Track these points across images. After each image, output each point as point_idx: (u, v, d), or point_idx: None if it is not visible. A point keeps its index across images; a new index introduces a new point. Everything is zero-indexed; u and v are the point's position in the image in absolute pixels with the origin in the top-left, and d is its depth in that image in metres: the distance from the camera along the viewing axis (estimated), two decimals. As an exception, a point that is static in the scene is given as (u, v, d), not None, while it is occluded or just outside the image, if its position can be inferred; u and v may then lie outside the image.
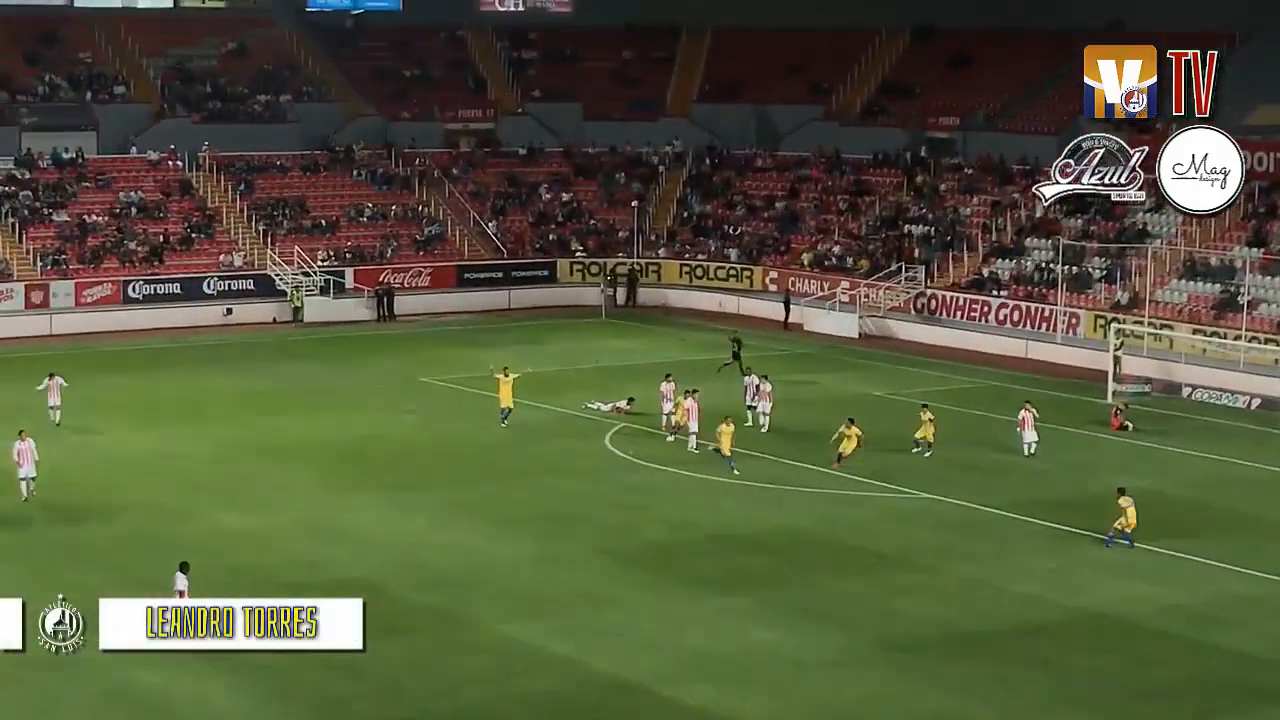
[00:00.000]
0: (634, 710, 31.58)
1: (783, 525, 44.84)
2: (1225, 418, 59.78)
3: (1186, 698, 32.72)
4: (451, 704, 29.84)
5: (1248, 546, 43.09)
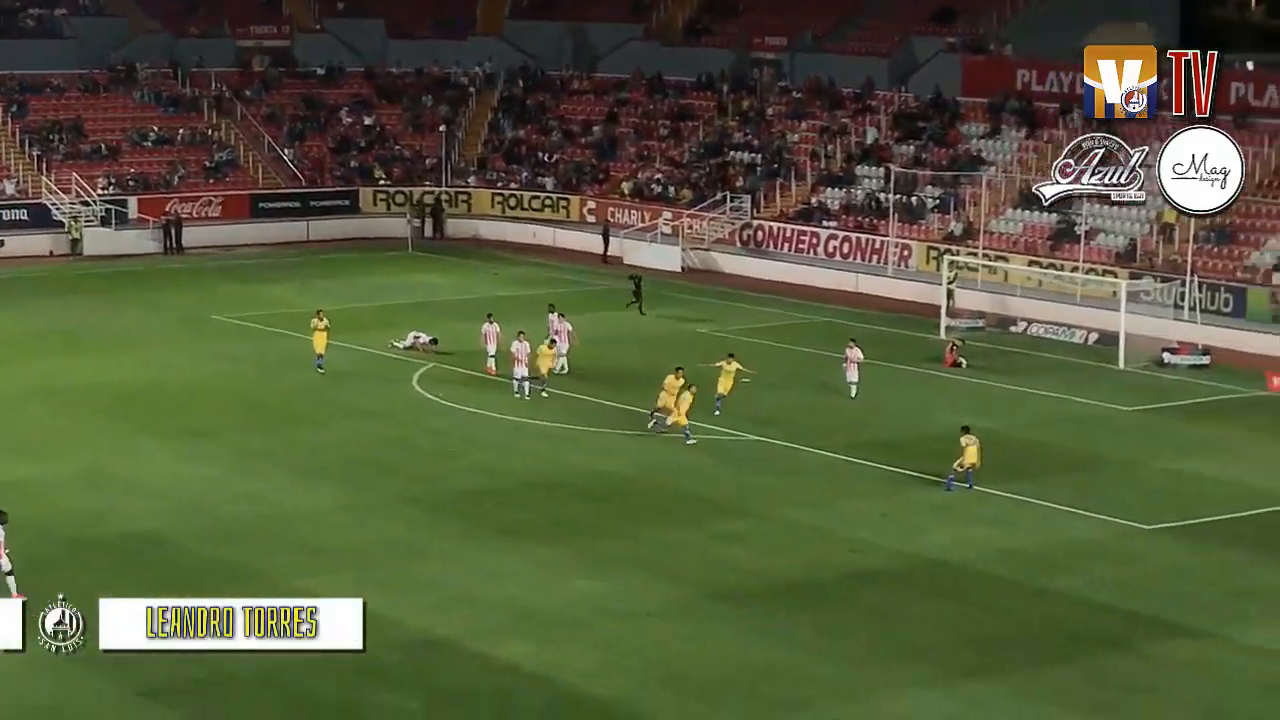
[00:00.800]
0: (446, 667, 31.64)
1: (604, 470, 45.06)
2: (1062, 353, 60.92)
3: (1022, 645, 33.43)
4: (243, 667, 29.68)
5: (1086, 488, 44.03)
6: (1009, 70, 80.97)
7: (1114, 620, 34.88)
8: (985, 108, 79.79)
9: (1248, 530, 41.08)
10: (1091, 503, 42.65)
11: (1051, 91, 78.21)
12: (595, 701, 30.13)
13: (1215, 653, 33.25)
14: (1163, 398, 54.58)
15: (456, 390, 53.12)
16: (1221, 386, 56.10)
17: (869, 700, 30.51)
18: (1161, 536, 40.49)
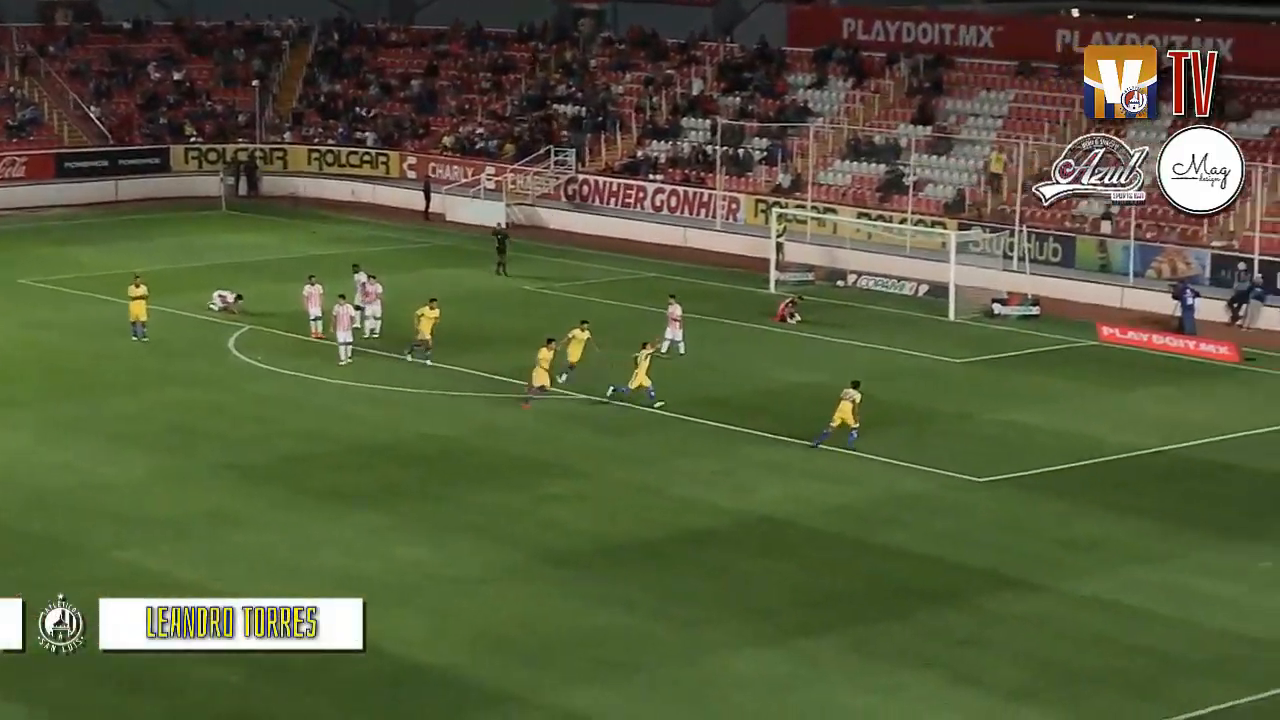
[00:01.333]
0: (270, 639, 31.37)
1: (429, 433, 44.93)
2: (892, 305, 61.53)
3: (857, 601, 33.80)
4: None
5: (917, 441, 44.57)
6: (835, 20, 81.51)
7: (947, 574, 35.36)
8: (812, 58, 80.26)
9: (1078, 481, 41.78)
10: (923, 456, 43.16)
11: (878, 40, 78.84)
12: (422, 670, 30.08)
13: (1047, 604, 33.82)
14: (993, 349, 55.31)
15: (277, 354, 52.68)
16: (1051, 336, 56.95)
17: (704, 661, 30.71)
18: (993, 489, 41.08)
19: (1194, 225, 62.96)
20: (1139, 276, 62.49)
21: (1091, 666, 30.95)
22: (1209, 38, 70.35)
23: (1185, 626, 32.81)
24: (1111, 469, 42.80)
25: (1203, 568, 36.01)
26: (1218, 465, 43.18)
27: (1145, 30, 72.49)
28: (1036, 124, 70.64)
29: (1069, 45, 73.18)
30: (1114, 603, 33.90)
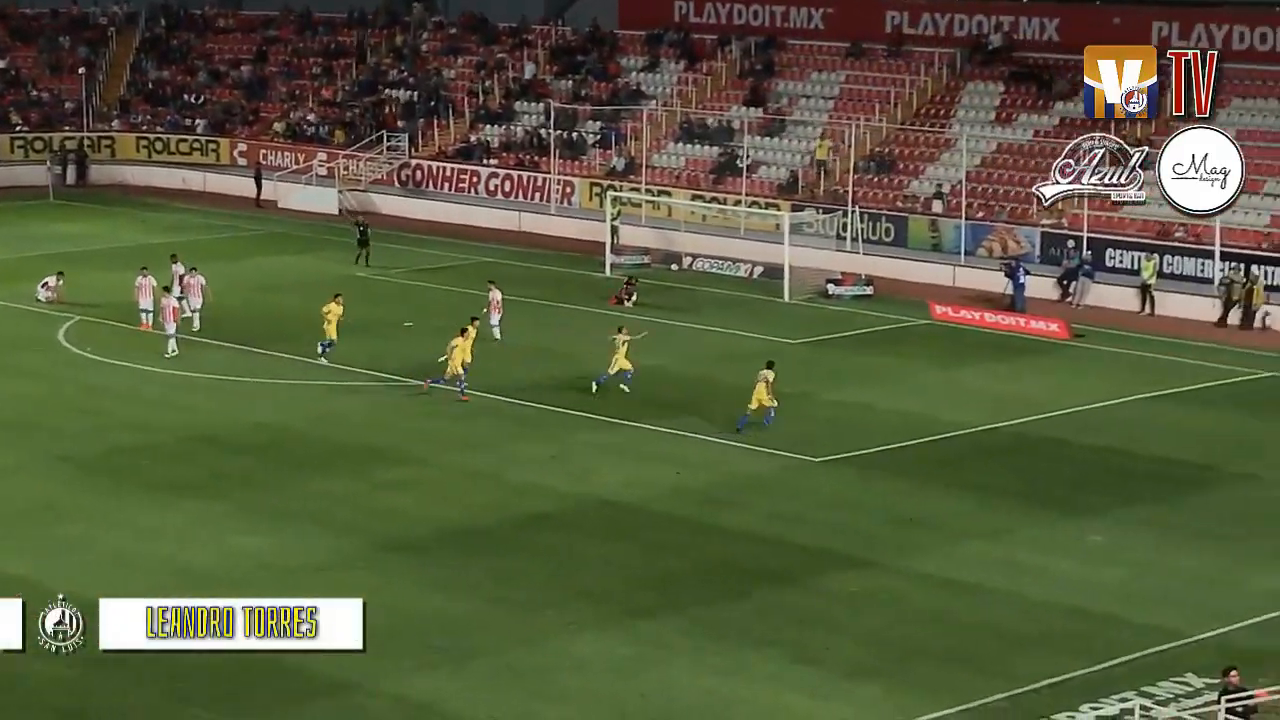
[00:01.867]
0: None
1: (262, 422, 44.48)
2: (728, 287, 61.72)
3: (696, 582, 33.84)
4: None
5: (753, 422, 44.65)
6: (667, 2, 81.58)
7: (785, 554, 35.49)
8: (644, 41, 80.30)
9: (914, 459, 42.11)
10: (761, 437, 43.29)
11: (709, 23, 79.01)
12: (258, 660, 29.71)
13: (884, 582, 34.05)
14: (828, 329, 55.64)
15: (107, 344, 51.93)
16: (886, 316, 57.38)
17: (545, 645, 30.63)
18: (830, 468, 41.30)
19: (1023, 204, 63.71)
20: (970, 255, 63.10)
21: (928, 642, 31.18)
22: (1036, 17, 71.19)
23: (1019, 601, 33.15)
24: (946, 446, 43.18)
25: (1035, 542, 36.41)
26: (1049, 441, 43.68)
27: (973, 10, 73.25)
28: (867, 105, 71.12)
29: (898, 26, 73.77)
30: (949, 579, 34.19)
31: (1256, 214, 59.82)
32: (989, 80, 70.39)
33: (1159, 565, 35.19)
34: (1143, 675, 29.76)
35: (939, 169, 67.58)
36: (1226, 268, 57.18)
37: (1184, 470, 41.40)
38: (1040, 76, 68.82)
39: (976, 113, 69.36)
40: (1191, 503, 39.13)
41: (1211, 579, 34.50)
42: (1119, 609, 32.79)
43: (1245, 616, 32.41)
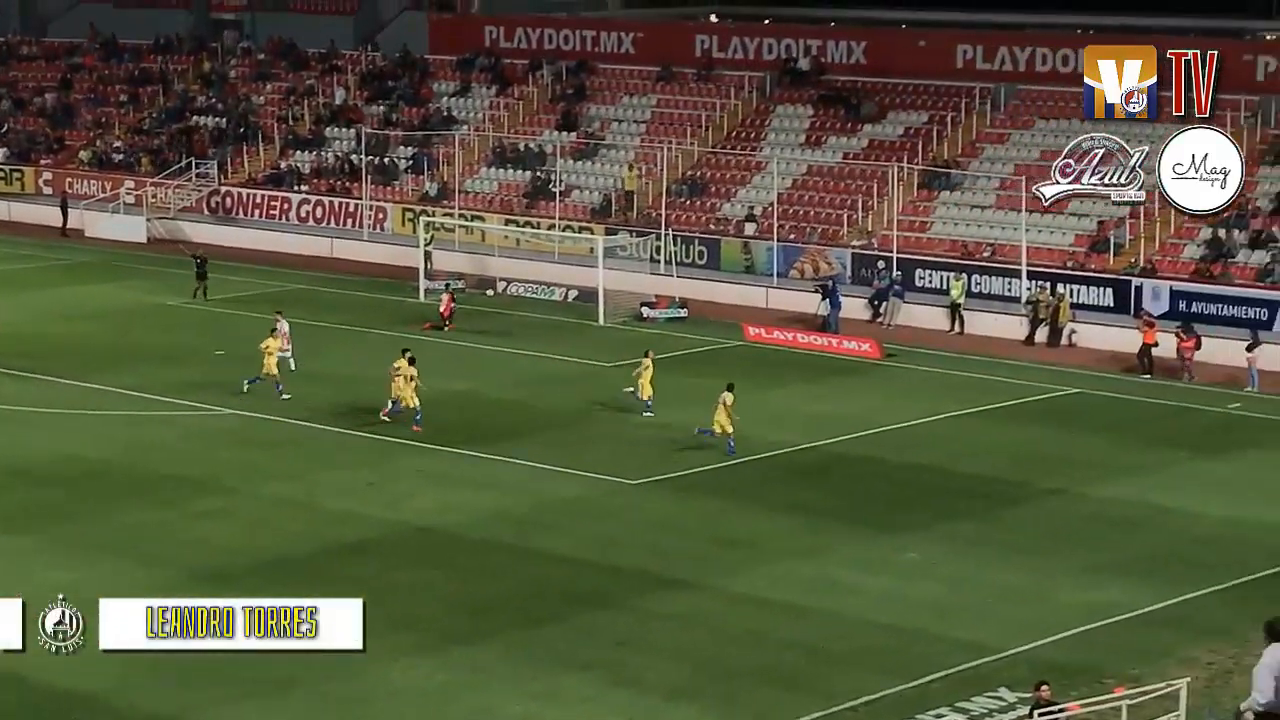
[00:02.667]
0: (-92, 672, 30.22)
1: (73, 453, 43.72)
2: (543, 311, 61.64)
3: (514, 607, 33.69)
4: None
5: (571, 445, 44.67)
6: (477, 27, 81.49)
7: (603, 576, 35.47)
8: (455, 65, 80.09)
9: (730, 479, 42.27)
10: (578, 460, 43.27)
11: (520, 48, 78.98)
12: (74, 696, 29.21)
13: (703, 603, 34.11)
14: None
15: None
16: (700, 338, 57.59)
17: (362, 673, 30.32)
18: (647, 490, 41.34)
19: (834, 226, 64.26)
20: (782, 277, 63.52)
21: (747, 662, 31.26)
22: (843, 40, 71.90)
23: (835, 619, 33.36)
24: (761, 466, 43.38)
25: (850, 560, 36.67)
26: (865, 459, 44.04)
27: (781, 34, 73.84)
28: (679, 128, 71.43)
29: (708, 50, 74.17)
30: (766, 598, 34.33)
31: (1061, 233, 60.78)
32: (798, 103, 70.99)
33: (973, 581, 35.57)
34: (957, 691, 30.03)
35: (750, 191, 68.01)
36: (1033, 286, 58.02)
37: (996, 486, 41.91)
38: (848, 99, 69.50)
39: (786, 135, 69.91)
40: (1004, 518, 39.62)
41: (1024, 593, 34.92)
42: (934, 625, 33.09)
43: (1057, 630, 32.84)
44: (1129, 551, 37.37)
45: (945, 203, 64.02)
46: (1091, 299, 57.46)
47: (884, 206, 64.32)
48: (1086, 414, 48.33)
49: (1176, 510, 39.83)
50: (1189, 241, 58.54)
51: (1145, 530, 38.80)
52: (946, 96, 67.46)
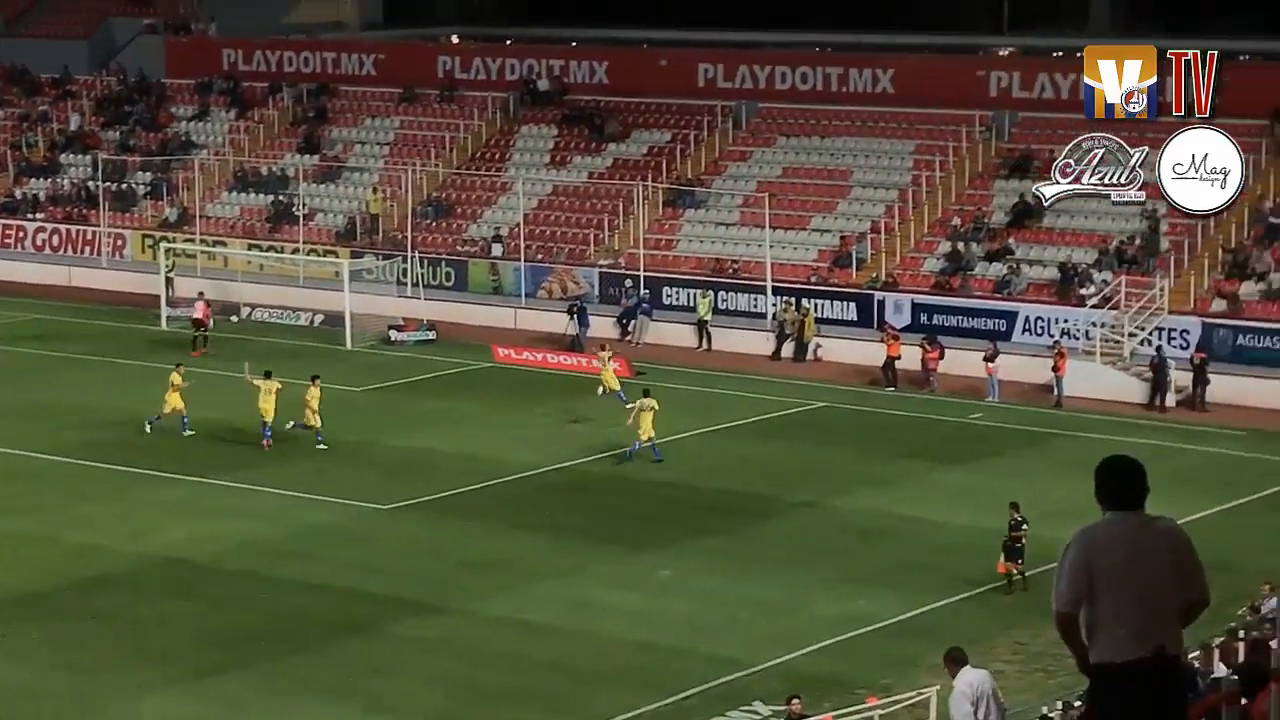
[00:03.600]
0: None
1: None
2: (288, 336, 61.00)
3: (266, 637, 33.39)
4: None
5: (322, 471, 44.35)
6: (215, 51, 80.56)
7: (356, 603, 35.29)
8: (193, 89, 79.11)
9: (483, 501, 42.27)
10: (329, 486, 43.00)
11: (260, 71, 78.23)
12: None
13: (458, 627, 34.10)
14: (392, 375, 55.51)
15: None
16: (449, 360, 57.46)
17: (109, 710, 29.93)
18: (399, 515, 41.20)
19: (581, 245, 64.53)
20: (530, 297, 63.64)
21: (504, 685, 31.30)
22: (586, 60, 72.27)
23: (591, 639, 33.52)
24: (513, 487, 43.44)
25: (605, 579, 36.87)
26: (615, 478, 44.27)
27: (523, 55, 74.03)
28: (423, 150, 71.27)
29: (450, 71, 74.08)
30: (522, 620, 34.39)
31: (805, 249, 61.64)
32: (542, 123, 71.20)
33: (726, 596, 35.94)
34: (712, 706, 30.35)
35: (497, 212, 68.05)
36: (779, 302, 58.75)
37: (746, 501, 42.38)
38: (592, 119, 69.87)
39: (531, 156, 70.09)
40: (755, 533, 40.08)
41: (776, 607, 35.37)
42: (688, 641, 33.40)
43: (809, 642, 33.33)
44: (877, 562, 38.03)
45: (690, 220, 64.60)
46: (836, 313, 58.33)
47: (630, 225, 64.73)
48: (833, 427, 49.07)
49: (922, 520, 40.59)
50: (929, 255, 59.72)
51: (892, 541, 39.50)
52: (689, 115, 68.08)
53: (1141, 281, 54.23)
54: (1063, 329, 53.90)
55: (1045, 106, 62.48)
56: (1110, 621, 9.93)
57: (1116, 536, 10.10)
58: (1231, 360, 51.47)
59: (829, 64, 68.02)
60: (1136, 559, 10.00)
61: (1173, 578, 10.05)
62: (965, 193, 61.55)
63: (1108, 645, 9.95)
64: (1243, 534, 38.48)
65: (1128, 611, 9.91)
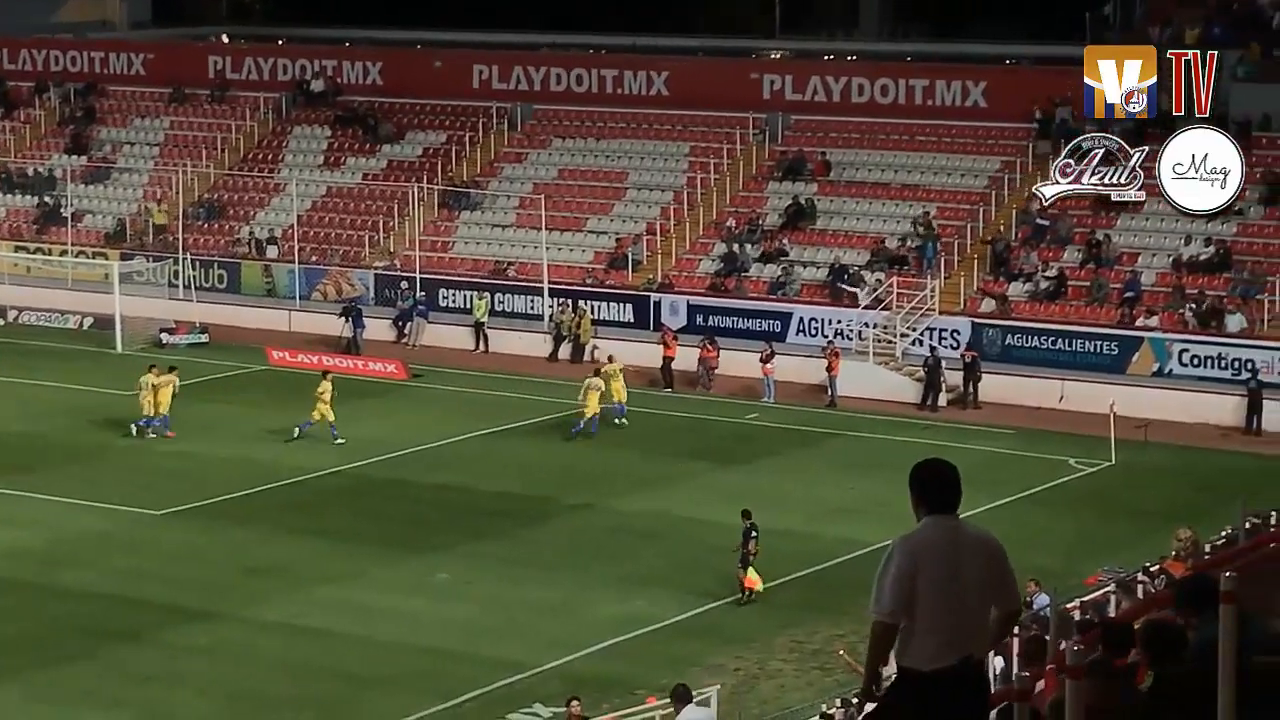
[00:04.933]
0: None
1: None
2: (57, 340, 59.93)
3: (35, 646, 32.74)
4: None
5: (92, 477, 43.61)
6: (-20, 48, 78.88)
7: (130, 611, 34.73)
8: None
9: (257, 506, 41.80)
10: (99, 492, 42.27)
11: (25, 70, 76.68)
12: None
13: (234, 634, 33.69)
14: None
15: None
16: (223, 363, 56.72)
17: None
18: (172, 521, 40.62)
19: (356, 247, 64.07)
20: (305, 299, 63.04)
21: (281, 692, 30.98)
22: (359, 61, 71.77)
23: (370, 643, 33.28)
24: (289, 491, 43.02)
25: (383, 584, 36.62)
26: (394, 482, 44.01)
27: (295, 55, 73.33)
28: (194, 150, 70.29)
29: (221, 71, 73.14)
30: (299, 626, 34.07)
31: (581, 251, 61.71)
32: (316, 124, 70.55)
33: (505, 599, 35.87)
34: (493, 709, 30.31)
35: (270, 214, 67.31)
36: (555, 304, 58.78)
37: (524, 504, 42.31)
38: (366, 120, 69.35)
39: (305, 157, 69.41)
40: (533, 535, 40.03)
41: (555, 609, 35.37)
42: (468, 645, 33.31)
43: (589, 644, 33.38)
44: (655, 563, 38.17)
45: (466, 222, 64.39)
46: (612, 315, 58.44)
47: (405, 227, 64.35)
48: (610, 428, 49.14)
49: (700, 521, 40.74)
50: (704, 257, 60.05)
51: (670, 541, 39.65)
52: (464, 116, 67.84)
53: (912, 282, 54.99)
54: (836, 329, 54.47)
55: (817, 109, 63.19)
56: (925, 630, 9.82)
57: (937, 544, 9.98)
58: (1000, 359, 52.38)
59: (604, 66, 68.17)
60: (956, 567, 9.94)
61: (988, 586, 9.99)
62: (740, 195, 61.99)
63: (919, 652, 9.86)
64: (1012, 530, 39.06)
65: (943, 620, 9.81)
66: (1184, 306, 52.05)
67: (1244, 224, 54.39)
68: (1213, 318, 51.47)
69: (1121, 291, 53.10)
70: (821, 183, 61.02)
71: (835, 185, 60.91)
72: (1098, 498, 42.87)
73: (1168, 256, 54.17)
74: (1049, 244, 55.64)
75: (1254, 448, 46.65)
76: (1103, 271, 54.09)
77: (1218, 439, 47.56)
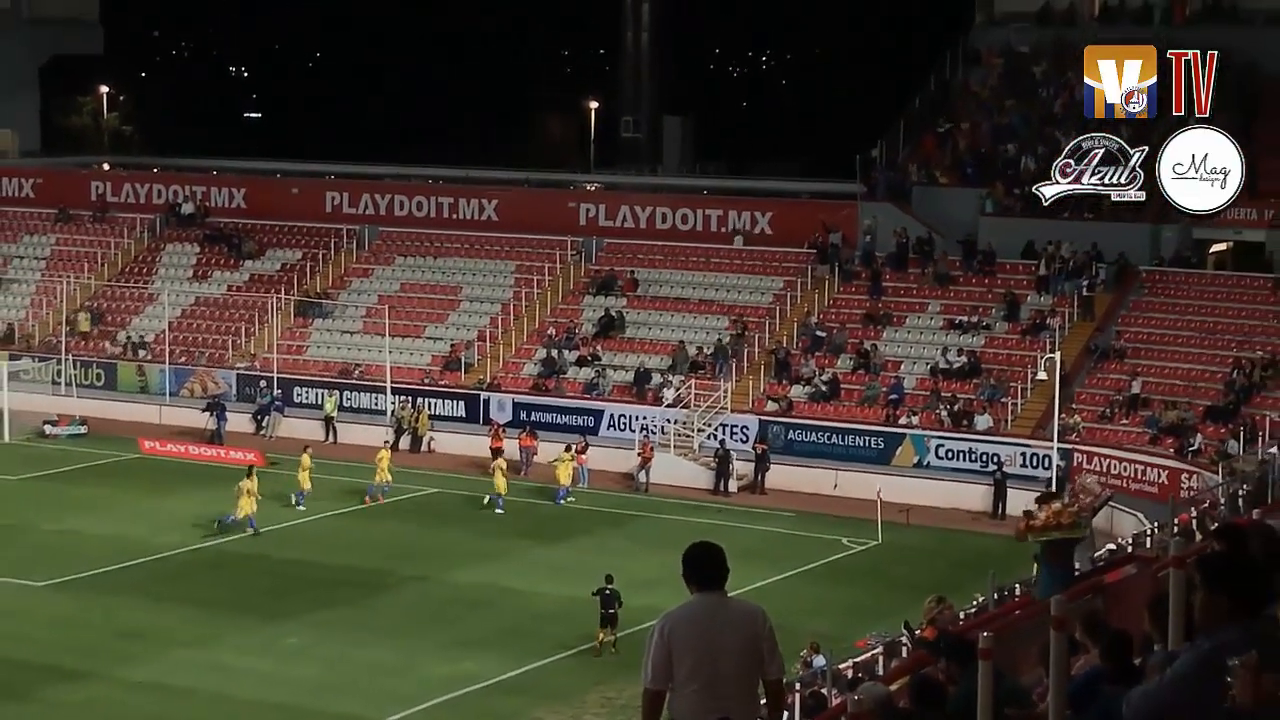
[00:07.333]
0: None
1: None
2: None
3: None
4: None
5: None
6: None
7: (9, 671, 33.72)
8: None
9: (128, 578, 40.89)
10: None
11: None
12: None
13: (105, 692, 32.83)
14: (47, 465, 53.44)
15: None
16: (100, 452, 55.51)
17: None
18: (51, 591, 39.57)
19: (220, 350, 63.15)
20: (174, 395, 62.00)
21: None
22: (225, 187, 71.12)
23: (226, 700, 32.58)
24: (158, 565, 42.12)
25: (238, 647, 35.88)
26: (250, 556, 43.22)
27: (169, 181, 72.51)
28: (78, 264, 69.10)
29: (102, 194, 72.10)
30: (164, 684, 33.28)
31: (420, 354, 61.28)
32: (186, 242, 69.62)
33: (349, 660, 35.27)
34: (338, 758, 29.67)
35: (144, 320, 66.20)
36: (397, 401, 58.26)
37: (367, 575, 41.73)
38: (231, 239, 68.56)
39: (176, 270, 68.41)
40: (375, 603, 39.46)
41: (394, 669, 34.82)
42: (315, 702, 32.69)
43: (424, 700, 32.92)
44: (483, 628, 37.74)
45: (319, 329, 63.74)
46: (447, 411, 58.03)
47: (265, 332, 63.56)
48: (445, 510, 48.66)
49: (522, 591, 40.43)
50: (528, 360, 59.88)
51: (496, 609, 39.25)
52: (318, 236, 67.30)
53: (708, 384, 55.17)
54: (642, 425, 54.45)
55: (626, 234, 63.51)
56: (684, 692, 9.80)
57: (695, 617, 9.95)
58: (784, 452, 52.60)
59: (441, 194, 68.07)
60: (711, 636, 9.87)
61: (747, 655, 9.92)
62: (559, 307, 61.94)
63: (680, 711, 9.84)
64: (793, 600, 39.14)
65: (700, 684, 9.76)
66: (940, 408, 52.70)
67: (990, 337, 55.31)
68: (964, 418, 52.15)
69: (887, 394, 53.65)
70: (630, 297, 61.20)
71: (642, 299, 61.11)
72: (867, 572, 43.10)
73: (926, 364, 54.91)
74: (825, 352, 56.15)
75: (999, 530, 47.08)
76: (871, 377, 54.66)
77: (969, 522, 48.04)
